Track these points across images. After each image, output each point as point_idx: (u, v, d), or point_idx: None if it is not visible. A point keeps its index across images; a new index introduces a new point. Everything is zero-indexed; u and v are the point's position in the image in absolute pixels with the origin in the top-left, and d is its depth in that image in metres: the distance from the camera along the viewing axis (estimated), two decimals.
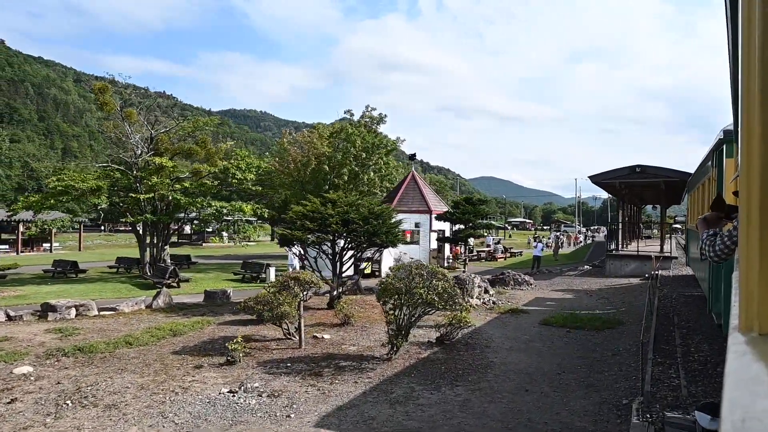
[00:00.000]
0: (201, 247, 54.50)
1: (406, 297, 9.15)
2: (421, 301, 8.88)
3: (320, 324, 13.62)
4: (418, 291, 8.83)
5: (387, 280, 9.31)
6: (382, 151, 31.17)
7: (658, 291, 16.61)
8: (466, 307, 13.16)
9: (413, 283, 8.91)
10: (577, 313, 14.67)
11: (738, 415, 0.78)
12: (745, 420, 0.76)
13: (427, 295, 8.76)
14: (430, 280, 9.03)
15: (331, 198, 15.86)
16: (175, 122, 26.63)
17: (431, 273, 9.22)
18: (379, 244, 15.99)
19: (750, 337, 1.17)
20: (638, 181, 25.22)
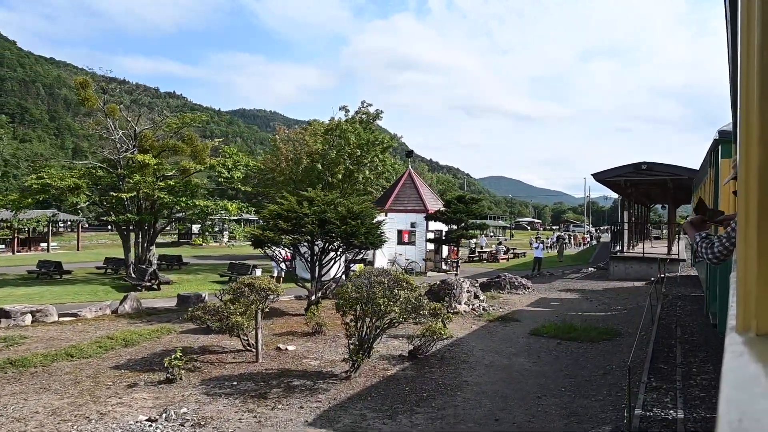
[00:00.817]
0: (201, 247, 53.75)
1: (367, 308, 8.02)
2: (380, 312, 7.75)
3: (289, 333, 12.54)
4: (377, 302, 7.71)
5: (344, 288, 8.19)
6: (378, 148, 30.02)
7: (662, 298, 15.35)
8: (448, 316, 12.03)
9: (372, 293, 7.78)
10: (571, 321, 13.47)
11: (735, 415, 0.78)
12: (742, 420, 0.76)
13: (387, 307, 7.63)
14: (392, 290, 7.90)
15: (309, 196, 14.77)
16: (160, 118, 25.62)
17: (394, 281, 8.09)
18: (357, 245, 14.87)
19: (747, 338, 1.18)
20: (644, 179, 23.90)
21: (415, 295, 8.12)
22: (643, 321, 10.99)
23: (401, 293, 7.85)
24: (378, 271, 8.35)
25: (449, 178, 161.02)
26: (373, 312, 7.76)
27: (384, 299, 7.66)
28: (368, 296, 7.72)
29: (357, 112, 31.75)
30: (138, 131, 24.51)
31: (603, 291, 19.98)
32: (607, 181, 25.24)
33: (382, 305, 7.60)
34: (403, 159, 37.21)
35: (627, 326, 12.80)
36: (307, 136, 30.27)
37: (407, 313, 7.93)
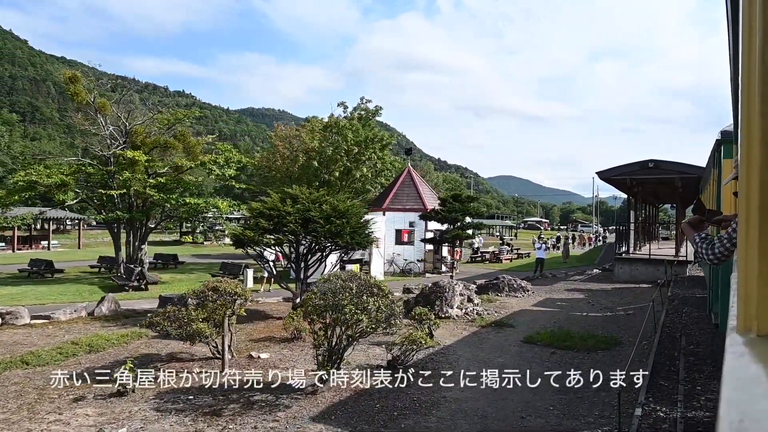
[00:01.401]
0: (203, 245, 53.19)
1: (336, 315, 7.26)
2: (347, 322, 6.99)
3: (268, 338, 11.80)
4: (344, 310, 6.94)
5: (309, 295, 7.43)
6: (377, 145, 29.22)
7: (666, 302, 14.47)
8: (435, 322, 11.25)
9: (338, 299, 7.02)
10: (568, 328, 12.63)
11: (736, 416, 0.78)
12: (743, 420, 0.76)
13: (353, 316, 6.86)
14: (360, 296, 7.13)
15: (293, 194, 14.02)
16: (151, 114, 24.98)
17: (364, 286, 7.32)
18: (342, 245, 14.11)
19: (748, 338, 1.18)
20: (651, 177, 22.96)
21: (386, 302, 7.34)
22: (643, 328, 10.16)
23: (370, 300, 7.08)
24: (346, 276, 7.58)
25: (456, 177, 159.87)
26: (341, 321, 7.00)
27: (351, 307, 6.89)
28: (334, 304, 6.96)
29: (356, 109, 30.96)
30: (129, 127, 23.91)
31: (606, 294, 19.09)
32: (612, 180, 24.32)
33: (348, 314, 6.84)
34: (403, 157, 36.39)
35: (628, 333, 11.94)
36: (303, 133, 29.53)
37: (377, 323, 7.15)
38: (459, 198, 17.73)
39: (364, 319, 6.91)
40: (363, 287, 7.32)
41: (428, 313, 11.11)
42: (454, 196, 17.88)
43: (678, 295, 16.01)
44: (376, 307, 7.11)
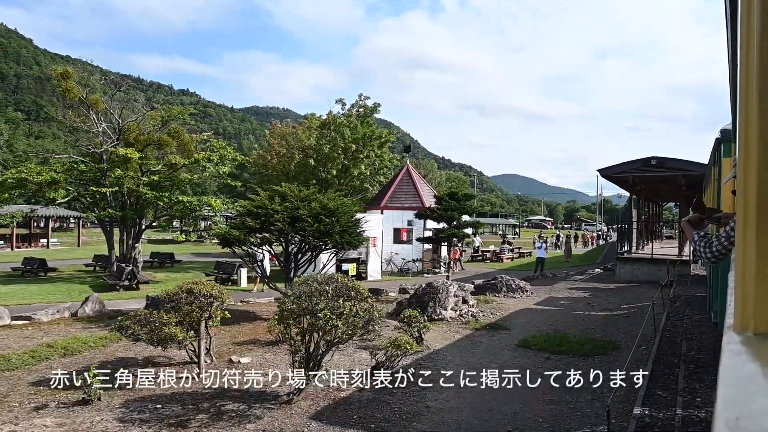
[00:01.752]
0: (203, 243, 52.83)
1: (311, 321, 6.81)
2: (322, 328, 6.54)
3: (252, 341, 11.38)
4: (318, 315, 6.49)
5: (283, 298, 6.98)
6: (375, 143, 28.73)
7: (668, 304, 13.97)
8: (425, 325, 10.80)
9: (313, 303, 6.57)
10: (565, 331, 12.15)
11: (732, 414, 0.78)
12: (739, 419, 0.76)
13: (328, 321, 6.41)
14: (337, 300, 6.67)
15: (281, 192, 13.58)
16: (144, 111, 24.61)
17: (341, 289, 6.86)
18: (331, 245, 13.67)
19: (745, 337, 1.18)
20: (654, 174, 22.41)
21: (365, 307, 6.88)
22: (643, 332, 9.68)
23: (347, 305, 6.63)
24: (323, 278, 7.13)
25: (460, 176, 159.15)
26: (317, 327, 6.56)
27: (326, 312, 6.44)
28: (307, 308, 6.52)
29: (353, 106, 30.47)
30: (122, 124, 23.53)
31: (607, 294, 18.58)
32: (613, 177, 23.78)
33: (322, 319, 6.39)
34: (401, 154, 35.89)
35: (628, 337, 11.45)
36: (299, 130, 29.07)
37: (354, 329, 6.70)
38: (456, 196, 17.25)
39: (339, 325, 6.46)
40: (340, 290, 6.86)
41: (417, 315, 10.67)
42: (450, 194, 17.41)
43: (680, 296, 15.49)
44: (353, 312, 6.65)
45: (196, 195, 33.68)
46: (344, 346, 8.70)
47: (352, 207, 14.23)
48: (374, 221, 25.15)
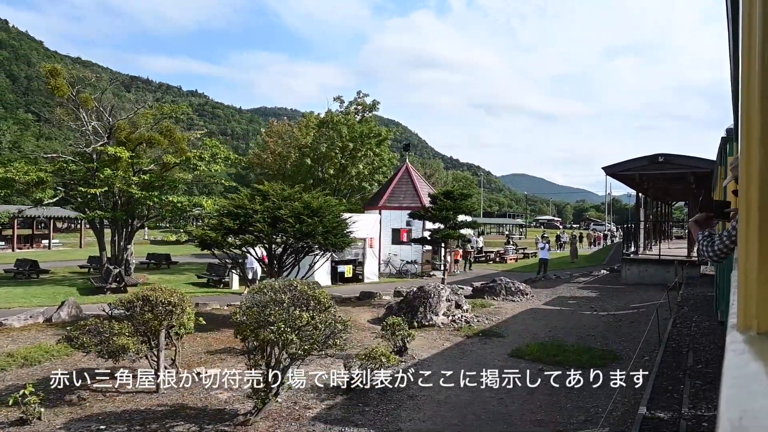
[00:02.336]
0: None
1: (264, 334, 6.08)
2: (276, 342, 5.80)
3: (226, 350, 10.68)
4: (273, 327, 5.76)
5: (235, 308, 6.27)
6: (373, 141, 27.95)
7: (675, 310, 13.13)
8: (410, 333, 10.06)
9: (265, 315, 5.84)
10: (563, 339, 11.35)
11: (735, 413, 0.78)
12: (742, 418, 0.76)
13: (282, 336, 5.68)
14: (293, 311, 5.93)
15: (264, 190, 12.88)
16: (135, 109, 24.04)
17: (299, 299, 6.12)
18: (316, 246, 12.93)
19: (748, 336, 1.18)
20: (661, 172, 21.52)
21: (326, 318, 6.14)
22: (646, 340, 8.87)
23: (305, 316, 5.89)
24: (280, 286, 6.39)
25: (467, 176, 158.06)
26: (269, 341, 5.83)
27: (280, 324, 5.71)
28: (260, 320, 5.79)
29: (351, 103, 29.70)
30: (112, 123, 22.97)
31: (611, 297, 17.73)
32: (619, 176, 22.91)
33: (275, 333, 5.66)
34: (401, 153, 35.07)
35: (630, 346, 10.63)
36: (295, 128, 28.37)
37: (312, 343, 5.96)
38: (451, 195, 16.46)
39: (294, 339, 5.72)
40: (298, 300, 6.12)
41: (401, 323, 9.92)
42: (445, 193, 16.62)
43: (688, 300, 14.62)
44: (313, 324, 5.91)
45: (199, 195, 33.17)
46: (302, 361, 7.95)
47: (338, 206, 13.50)
48: (370, 221, 24.43)
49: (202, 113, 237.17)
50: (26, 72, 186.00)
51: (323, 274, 22.80)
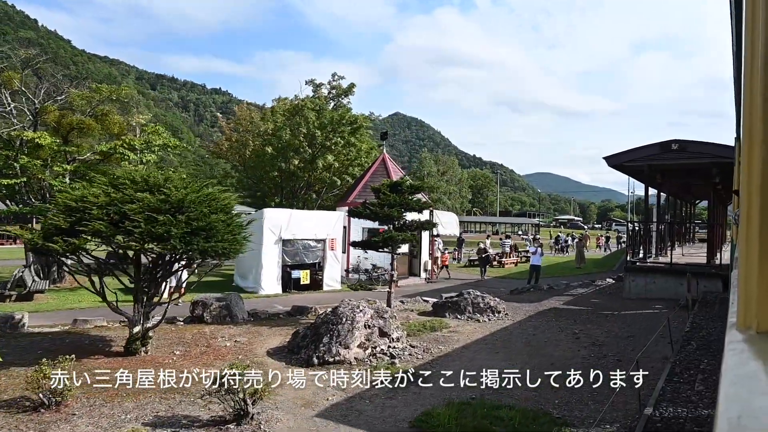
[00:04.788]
0: None
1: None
2: None
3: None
4: None
5: None
6: (346, 129, 24.49)
7: (679, 344, 9.48)
8: (255, 390, 6.76)
9: None
10: (510, 393, 7.82)
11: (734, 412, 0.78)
12: (741, 417, 0.75)
13: None
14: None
15: (121, 178, 9.65)
16: (66, 89, 21.14)
17: None
18: (182, 253, 9.62)
19: (748, 335, 1.19)
20: (676, 162, 17.73)
21: None
22: (624, 410, 5.38)
23: None
24: None
25: (487, 173, 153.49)
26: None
27: None
28: None
29: (320, 85, 26.10)
30: (37, 105, 20.10)
31: (605, 318, 14.08)
32: (626, 167, 19.14)
33: None
34: (380, 143, 31.56)
35: (601, 413, 7.07)
36: (256, 114, 25.13)
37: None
38: (399, 188, 13.04)
39: None
40: None
41: (241, 372, 6.54)
42: (393, 185, 13.19)
43: (699, 328, 10.88)
44: None
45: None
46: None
47: (222, 200, 10.16)
48: (330, 220, 21.13)
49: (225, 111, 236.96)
50: (52, 70, 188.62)
51: (272, 280, 19.60)
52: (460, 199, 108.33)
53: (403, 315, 14.54)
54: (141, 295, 10.15)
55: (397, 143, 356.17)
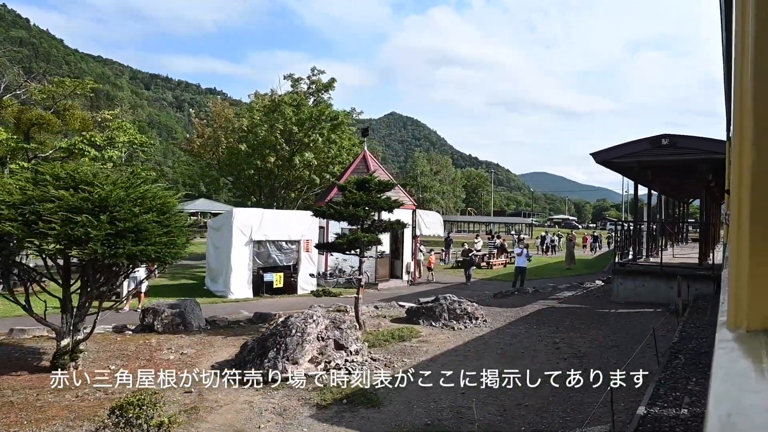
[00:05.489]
0: None
1: None
2: None
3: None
4: None
5: None
6: (325, 125, 23.44)
7: (666, 357, 8.51)
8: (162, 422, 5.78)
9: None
10: (468, 418, 6.84)
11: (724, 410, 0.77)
12: (731, 414, 0.75)
13: None
14: None
15: (44, 173, 8.62)
16: (25, 82, 20.08)
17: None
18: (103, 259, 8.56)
19: (738, 334, 1.19)
20: (666, 159, 16.78)
21: None
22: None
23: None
24: None
25: (482, 173, 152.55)
26: None
27: None
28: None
29: (298, 80, 25.01)
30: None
31: (590, 325, 13.12)
32: (614, 164, 18.17)
33: None
34: (361, 140, 30.57)
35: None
36: (229, 110, 24.07)
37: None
38: (366, 186, 12.03)
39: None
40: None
41: (140, 413, 5.52)
42: (359, 183, 12.17)
43: (688, 341, 9.91)
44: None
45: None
46: None
47: (158, 198, 9.12)
48: (305, 220, 20.09)
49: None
50: (45, 69, 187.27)
51: (243, 284, 18.58)
52: (454, 199, 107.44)
53: (375, 322, 13.56)
54: (69, 304, 9.14)
55: (393, 143, 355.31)
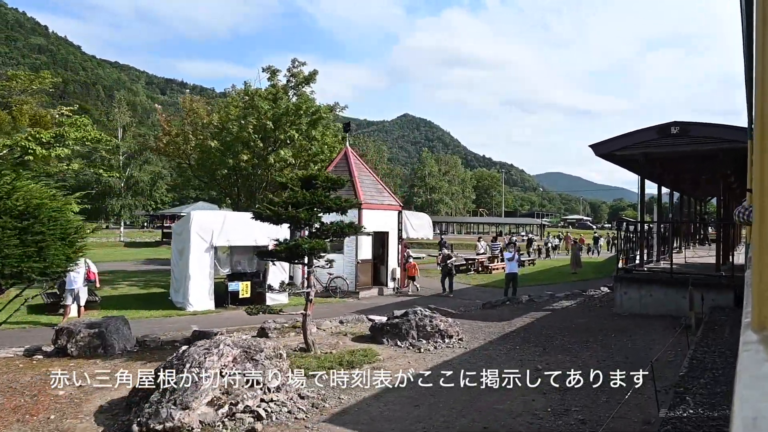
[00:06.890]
0: None
1: None
2: None
3: None
4: None
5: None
6: (304, 120, 21.62)
7: (671, 397, 6.49)
8: None
9: None
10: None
11: (749, 413, 0.74)
12: (756, 418, 0.72)
13: None
14: None
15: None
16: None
17: None
18: None
19: (763, 336, 1.15)
20: (677, 150, 14.69)
21: None
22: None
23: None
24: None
25: (494, 173, 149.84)
26: None
27: None
28: None
29: (277, 72, 23.16)
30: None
31: (583, 344, 11.08)
32: (617, 157, 16.06)
33: None
34: (343, 136, 28.67)
35: None
36: (197, 105, 22.34)
37: None
38: (313, 183, 10.16)
39: None
40: None
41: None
42: (305, 180, 10.30)
43: (700, 372, 7.84)
44: None
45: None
46: None
47: (57, 203, 7.35)
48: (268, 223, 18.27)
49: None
50: (63, 76, 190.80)
51: (203, 294, 16.82)
52: (464, 200, 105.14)
53: (332, 341, 11.70)
54: None
55: (407, 144, 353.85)
